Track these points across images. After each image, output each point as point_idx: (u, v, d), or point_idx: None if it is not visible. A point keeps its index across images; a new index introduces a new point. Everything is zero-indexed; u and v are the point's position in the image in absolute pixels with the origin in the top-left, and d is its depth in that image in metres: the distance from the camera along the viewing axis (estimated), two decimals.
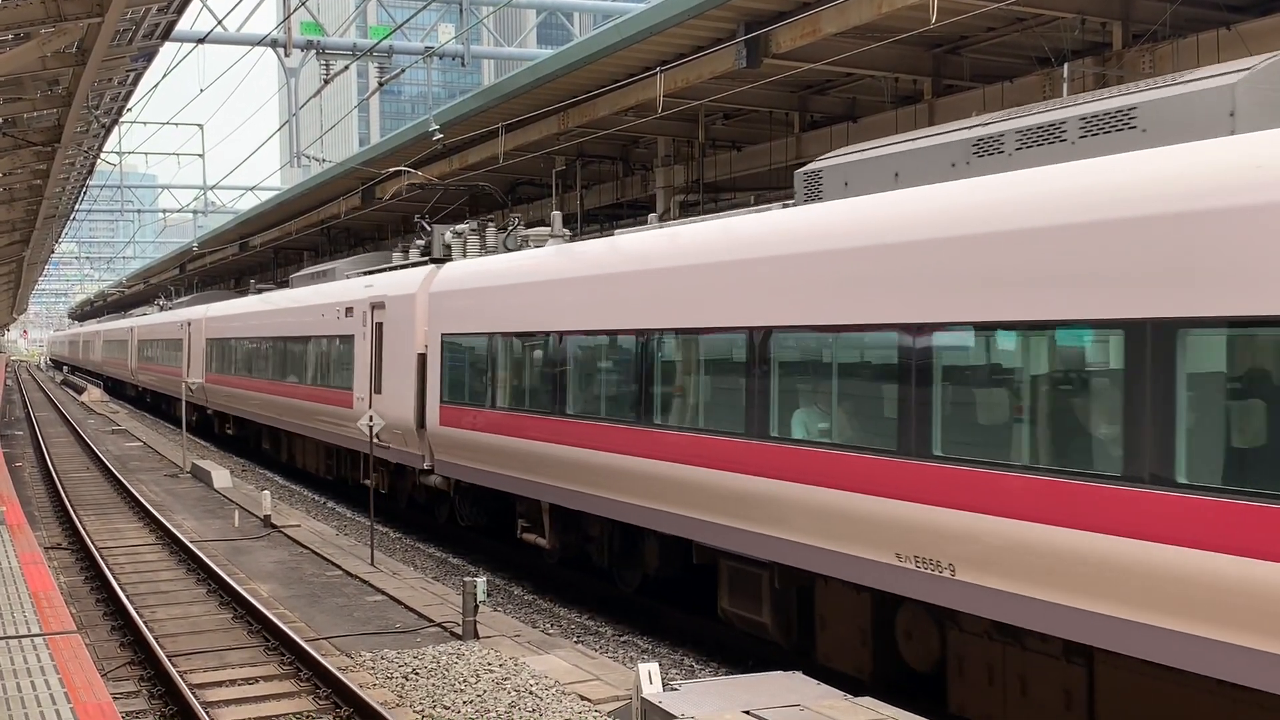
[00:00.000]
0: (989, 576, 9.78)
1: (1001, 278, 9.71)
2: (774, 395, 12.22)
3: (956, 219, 10.23)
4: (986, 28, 17.03)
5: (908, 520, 10.46)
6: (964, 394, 10.18)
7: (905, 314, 10.63)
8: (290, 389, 29.02)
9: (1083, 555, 8.93)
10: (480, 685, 11.91)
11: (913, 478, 10.42)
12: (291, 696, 11.87)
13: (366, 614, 15.30)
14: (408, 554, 21.04)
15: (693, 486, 13.29)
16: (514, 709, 11.19)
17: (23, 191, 28.65)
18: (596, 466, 15.16)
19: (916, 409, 10.48)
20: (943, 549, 10.15)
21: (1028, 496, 9.39)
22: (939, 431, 10.29)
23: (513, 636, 14.03)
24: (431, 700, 11.52)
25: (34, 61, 15.40)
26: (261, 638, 14.03)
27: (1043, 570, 9.27)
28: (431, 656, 12.95)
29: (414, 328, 20.82)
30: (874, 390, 11.04)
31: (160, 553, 19.65)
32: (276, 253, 55.58)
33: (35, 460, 34.37)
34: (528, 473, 16.94)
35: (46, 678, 9.58)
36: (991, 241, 9.82)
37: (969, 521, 9.89)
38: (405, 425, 21.01)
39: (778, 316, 12.13)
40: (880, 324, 10.90)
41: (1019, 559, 9.48)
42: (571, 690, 11.77)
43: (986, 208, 10.01)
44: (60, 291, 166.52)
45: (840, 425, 11.46)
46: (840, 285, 11.36)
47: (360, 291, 24.19)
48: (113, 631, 14.50)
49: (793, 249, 12.04)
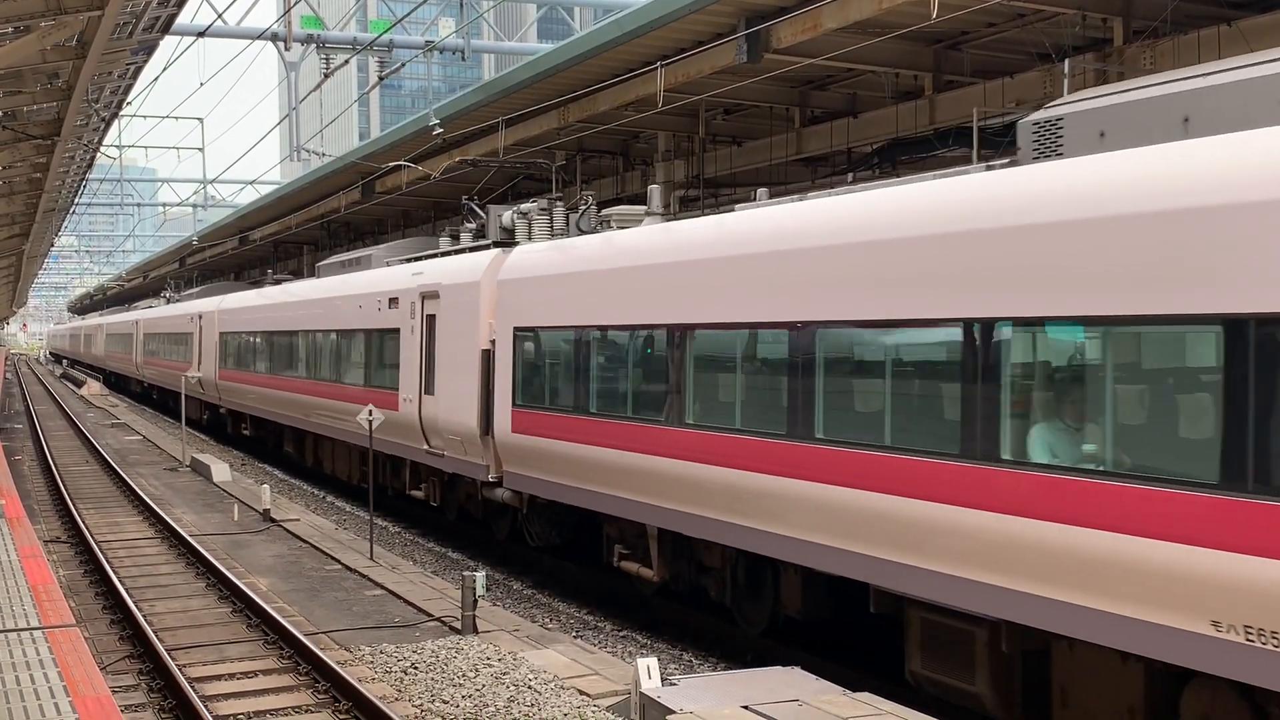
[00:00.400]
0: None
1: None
2: (1012, 405, 9.54)
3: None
4: (987, 23, 17.02)
5: (1241, 579, 7.87)
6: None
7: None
8: (320, 388, 26.52)
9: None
10: (479, 680, 11.92)
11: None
12: (290, 690, 11.88)
13: (365, 608, 15.30)
14: (407, 548, 21.05)
15: (876, 517, 10.76)
16: (513, 703, 11.20)
17: (22, 185, 28.64)
18: (732, 488, 12.66)
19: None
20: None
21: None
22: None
23: (512, 631, 14.03)
24: (430, 695, 11.52)
25: (34, 54, 15.40)
26: (261, 631, 14.03)
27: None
28: (430, 651, 12.96)
29: (477, 320, 18.44)
30: (1137, 398, 8.58)
31: (159, 546, 19.66)
32: (276, 247, 55.57)
33: (35, 454, 34.36)
34: (631, 491, 14.55)
35: (46, 671, 9.58)
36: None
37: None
38: (465, 431, 18.72)
39: (1035, 306, 9.31)
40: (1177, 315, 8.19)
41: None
42: (570, 685, 11.77)
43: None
44: (60, 285, 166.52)
45: (1118, 446, 8.73)
46: (1114, 267, 8.69)
47: (406, 280, 21.69)
48: (112, 625, 14.51)
49: (1049, 216, 9.24)
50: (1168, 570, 8.22)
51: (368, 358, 23.54)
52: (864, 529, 10.91)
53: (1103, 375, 8.85)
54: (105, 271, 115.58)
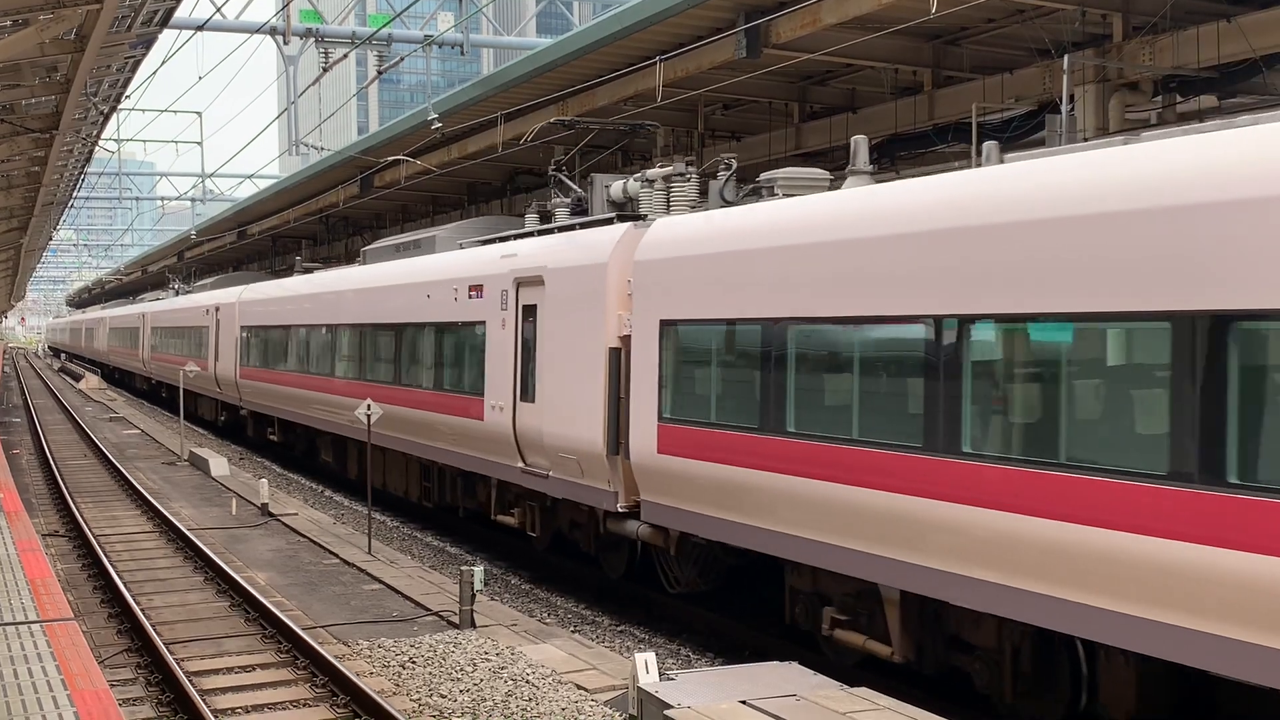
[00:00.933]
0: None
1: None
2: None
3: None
4: (986, 19, 17.02)
5: None
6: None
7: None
8: (373, 391, 22.76)
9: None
10: (477, 674, 11.93)
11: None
12: (288, 684, 11.89)
13: (364, 602, 15.31)
14: (405, 542, 21.05)
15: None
16: (511, 698, 11.21)
17: (20, 178, 28.63)
18: (1055, 546, 9.17)
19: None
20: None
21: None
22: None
23: (510, 625, 14.04)
24: (428, 689, 11.53)
25: (32, 48, 15.38)
26: (259, 626, 14.04)
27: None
28: (428, 645, 12.96)
29: (602, 310, 15.09)
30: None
31: (158, 540, 19.66)
32: (274, 241, 55.55)
33: (33, 448, 34.36)
34: (857, 538, 11.12)
35: (44, 665, 9.59)
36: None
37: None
38: (582, 448, 15.31)
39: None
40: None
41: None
42: (568, 679, 11.78)
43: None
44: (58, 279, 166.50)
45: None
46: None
47: (493, 264, 18.29)
48: (110, 619, 14.51)
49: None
50: None
51: (439, 356, 20.15)
52: None
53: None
54: (103, 265, 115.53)
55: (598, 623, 15.66)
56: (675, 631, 15.18)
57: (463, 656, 12.51)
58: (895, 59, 18.54)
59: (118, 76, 20.73)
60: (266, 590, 15.73)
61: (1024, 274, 9.50)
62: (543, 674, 11.90)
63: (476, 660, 12.38)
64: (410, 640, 13.21)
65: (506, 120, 24.84)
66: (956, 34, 17.94)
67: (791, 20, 16.96)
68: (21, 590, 12.21)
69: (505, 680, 11.72)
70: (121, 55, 18.59)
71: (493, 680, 11.73)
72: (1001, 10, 16.33)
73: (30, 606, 11.54)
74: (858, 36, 17.16)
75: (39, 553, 14.29)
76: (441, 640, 13.16)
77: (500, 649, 12.80)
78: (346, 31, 28.47)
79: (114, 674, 12.06)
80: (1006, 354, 9.71)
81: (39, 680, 9.16)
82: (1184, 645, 8.28)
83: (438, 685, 11.62)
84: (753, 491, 12.39)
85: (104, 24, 14.59)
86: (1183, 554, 8.24)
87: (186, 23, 24.98)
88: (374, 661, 12.47)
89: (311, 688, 11.75)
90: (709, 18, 17.91)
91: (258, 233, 51.70)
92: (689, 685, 10.21)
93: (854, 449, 11.10)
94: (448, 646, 12.89)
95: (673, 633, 15.12)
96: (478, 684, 11.63)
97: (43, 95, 19.17)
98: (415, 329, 21.21)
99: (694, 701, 9.75)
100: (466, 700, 11.18)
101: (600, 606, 16.49)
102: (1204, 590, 8.11)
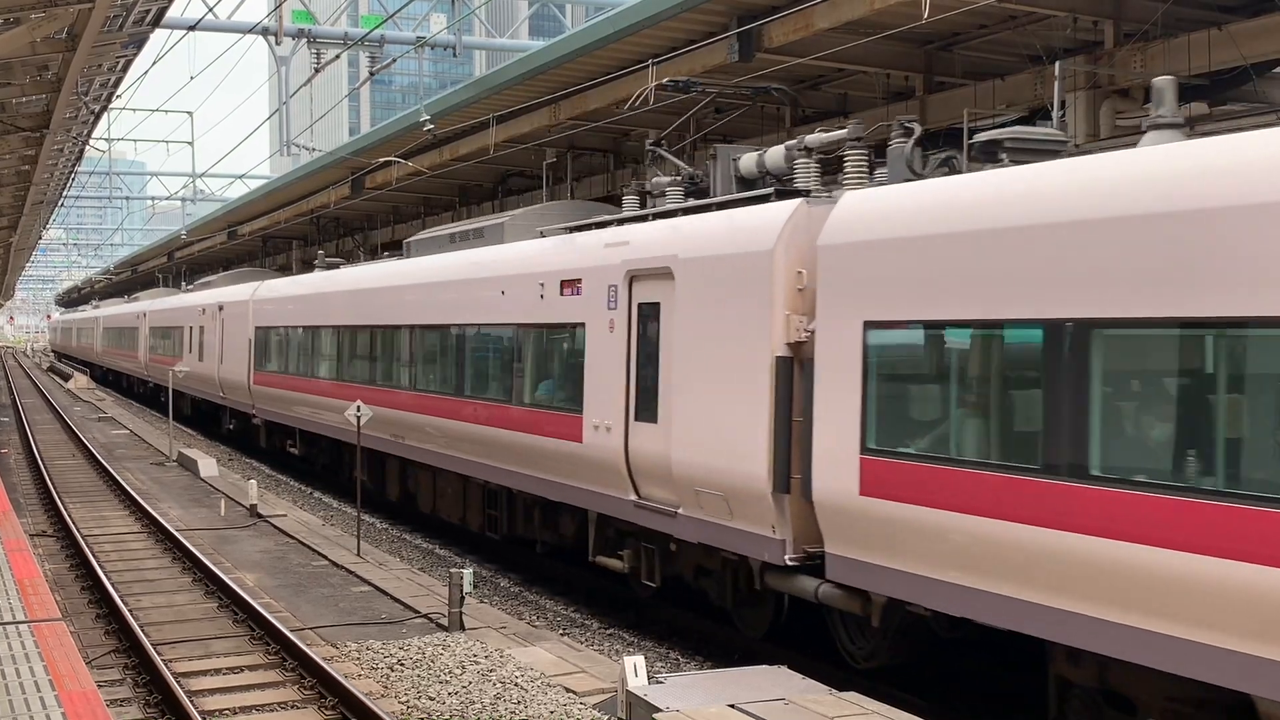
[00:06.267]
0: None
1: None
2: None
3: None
4: (978, 25, 17.07)
5: None
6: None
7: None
8: (432, 404, 19.89)
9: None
10: (465, 676, 11.91)
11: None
12: (276, 686, 11.86)
13: (352, 604, 15.29)
14: (394, 545, 21.02)
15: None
16: (499, 700, 11.20)
17: (10, 177, 28.57)
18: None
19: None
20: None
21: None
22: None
23: (499, 628, 14.03)
24: (417, 691, 11.52)
25: (24, 46, 15.36)
26: (247, 627, 14.01)
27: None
28: (417, 647, 12.95)
29: (767, 309, 12.09)
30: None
31: (146, 541, 19.61)
32: (265, 241, 55.49)
33: (21, 447, 34.27)
34: (1208, 630, 7.99)
35: (31, 665, 9.55)
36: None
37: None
38: (736, 482, 12.41)
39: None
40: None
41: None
42: (557, 682, 11.78)
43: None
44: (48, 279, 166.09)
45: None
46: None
47: (595, 253, 15.42)
48: (98, 619, 14.48)
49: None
50: None
51: (517, 364, 17.22)
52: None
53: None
54: (93, 265, 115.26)
55: (587, 625, 15.65)
56: (664, 635, 15.18)
57: (451, 659, 12.49)
58: (887, 64, 18.56)
59: (109, 76, 20.71)
60: (255, 591, 15.70)
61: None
62: (531, 677, 11.90)
63: (465, 663, 12.36)
64: (399, 642, 13.20)
65: (499, 122, 24.83)
66: (949, 39, 17.98)
67: (784, 24, 16.98)
68: (9, 590, 12.17)
69: (494, 683, 11.71)
70: (113, 55, 18.57)
71: (481, 683, 11.72)
72: (994, 16, 16.37)
73: (18, 607, 11.50)
74: (850, 41, 17.19)
75: (27, 553, 14.25)
76: (430, 643, 13.14)
77: (489, 651, 12.79)
78: (339, 32, 28.43)
79: (102, 674, 12.03)
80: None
81: (26, 680, 9.13)
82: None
83: (426, 688, 11.61)
84: (1023, 553, 9.25)
85: (96, 23, 14.58)
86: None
87: (178, 23, 24.94)
88: (362, 663, 12.45)
89: (299, 689, 11.73)
90: (702, 21, 17.93)
91: (248, 233, 51.64)
92: (678, 689, 10.21)
93: (1215, 504, 7.88)
94: (436, 649, 12.88)
95: (661, 636, 15.12)
96: (466, 686, 11.61)
97: (34, 94, 19.15)
98: (483, 331, 18.30)
99: (682, 705, 9.75)
100: (455, 703, 11.17)
101: (589, 609, 16.49)
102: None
